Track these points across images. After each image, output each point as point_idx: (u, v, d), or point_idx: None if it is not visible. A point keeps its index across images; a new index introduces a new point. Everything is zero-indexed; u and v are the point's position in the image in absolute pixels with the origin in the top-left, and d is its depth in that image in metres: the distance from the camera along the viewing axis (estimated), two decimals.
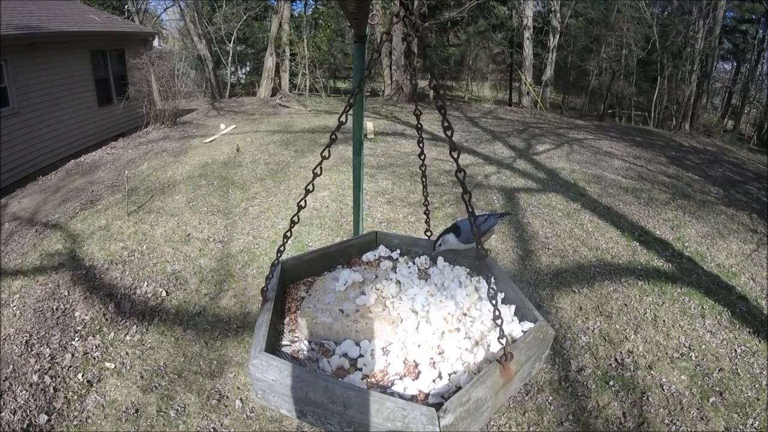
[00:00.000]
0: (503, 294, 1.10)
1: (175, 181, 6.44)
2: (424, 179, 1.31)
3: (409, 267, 1.27)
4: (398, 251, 1.36)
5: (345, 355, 0.97)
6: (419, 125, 1.23)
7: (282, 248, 1.09)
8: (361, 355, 0.96)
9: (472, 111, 13.95)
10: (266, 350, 0.87)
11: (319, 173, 1.06)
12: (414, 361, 0.93)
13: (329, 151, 1.04)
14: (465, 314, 1.03)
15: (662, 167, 8.06)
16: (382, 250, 1.37)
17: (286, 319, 1.09)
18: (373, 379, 0.89)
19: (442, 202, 5.63)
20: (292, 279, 1.22)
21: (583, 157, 8.24)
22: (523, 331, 0.97)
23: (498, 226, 1.31)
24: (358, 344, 0.99)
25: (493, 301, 0.86)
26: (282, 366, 0.83)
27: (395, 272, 1.24)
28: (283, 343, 1.02)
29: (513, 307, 1.04)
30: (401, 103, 13.88)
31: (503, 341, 0.84)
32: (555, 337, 0.99)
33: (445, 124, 0.82)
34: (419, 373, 0.89)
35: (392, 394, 0.84)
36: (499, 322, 0.86)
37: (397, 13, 0.94)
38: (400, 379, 0.89)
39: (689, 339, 3.59)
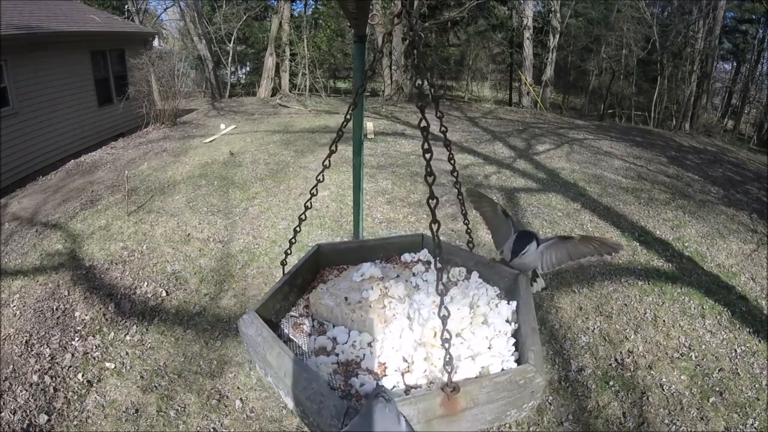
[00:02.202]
0: (517, 325, 1.00)
1: (175, 181, 6.44)
2: (458, 185, 1.23)
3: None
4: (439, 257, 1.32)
5: (334, 338, 1.02)
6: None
7: (298, 228, 1.20)
8: (346, 343, 1.01)
9: (472, 111, 13.94)
10: (260, 313, 0.96)
11: (322, 179, 1.16)
12: (385, 363, 0.94)
13: (330, 161, 1.13)
14: (458, 335, 0.99)
15: (662, 167, 8.06)
16: (423, 254, 1.33)
17: (306, 295, 1.17)
18: (342, 366, 0.94)
19: (442, 201, 5.61)
20: (327, 263, 1.30)
21: (583, 157, 8.24)
22: (503, 369, 0.88)
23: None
24: (349, 332, 1.03)
25: (444, 321, 0.79)
26: (258, 326, 0.92)
27: (419, 276, 1.22)
28: (292, 314, 1.12)
29: (512, 340, 0.96)
30: (401, 103, 13.88)
31: (448, 368, 0.76)
32: (544, 381, 0.87)
33: (423, 124, 0.81)
34: (384, 375, 0.91)
35: (350, 385, 0.89)
36: (447, 345, 0.77)
37: (399, 13, 0.93)
38: (366, 374, 0.91)
39: (689, 339, 3.59)
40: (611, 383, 3.16)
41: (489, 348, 0.95)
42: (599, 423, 2.88)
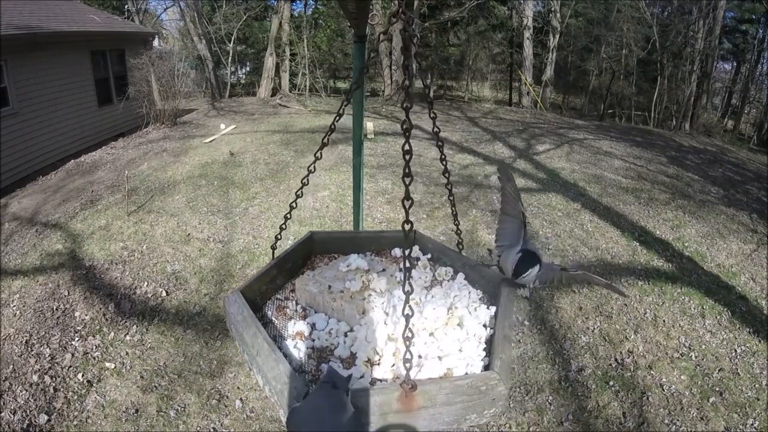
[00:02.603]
0: (492, 330, 1.00)
1: (175, 181, 6.44)
2: (449, 186, 1.21)
3: (425, 272, 1.24)
4: (429, 255, 1.32)
5: (313, 324, 1.05)
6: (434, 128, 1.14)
7: (288, 215, 1.23)
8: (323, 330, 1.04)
9: (472, 111, 13.94)
10: (245, 293, 1.01)
11: (313, 170, 1.17)
12: (356, 353, 0.96)
13: (321, 153, 1.13)
14: (431, 334, 1.00)
15: (662, 167, 8.06)
16: (413, 250, 1.32)
17: (294, 280, 1.21)
18: (316, 352, 0.98)
19: (442, 202, 5.64)
20: (319, 250, 1.33)
21: (583, 157, 8.24)
22: (467, 372, 0.88)
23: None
24: (328, 320, 1.06)
25: (407, 319, 0.80)
26: (240, 305, 0.97)
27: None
28: (278, 296, 1.16)
29: (483, 346, 0.97)
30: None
31: (408, 365, 0.77)
32: (506, 392, 0.85)
33: (406, 126, 0.83)
34: (353, 366, 0.93)
35: (320, 370, 0.92)
36: (408, 343, 0.78)
37: (395, 13, 0.94)
38: (337, 362, 0.95)
39: (689, 339, 3.59)
40: (611, 383, 3.16)
41: (460, 350, 0.96)
42: (599, 423, 2.88)
